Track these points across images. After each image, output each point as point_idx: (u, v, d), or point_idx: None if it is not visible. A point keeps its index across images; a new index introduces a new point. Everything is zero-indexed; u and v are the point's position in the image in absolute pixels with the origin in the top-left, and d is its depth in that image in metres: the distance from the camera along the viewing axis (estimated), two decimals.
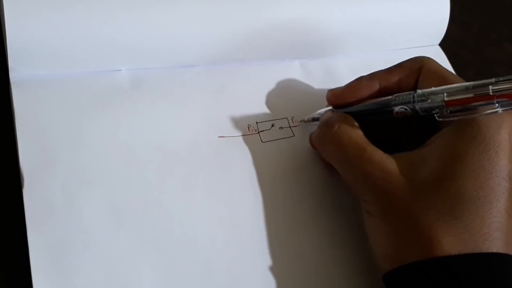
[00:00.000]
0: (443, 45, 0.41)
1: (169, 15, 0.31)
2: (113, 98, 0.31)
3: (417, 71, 0.29)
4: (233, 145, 0.32)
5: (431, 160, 0.26)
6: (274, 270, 0.29)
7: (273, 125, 0.33)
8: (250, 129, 0.33)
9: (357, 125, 0.29)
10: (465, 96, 0.25)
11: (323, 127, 0.30)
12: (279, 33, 0.34)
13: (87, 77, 0.31)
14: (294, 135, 0.33)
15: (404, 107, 0.28)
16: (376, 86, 0.30)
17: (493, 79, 0.24)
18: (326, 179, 0.32)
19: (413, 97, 0.27)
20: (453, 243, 0.24)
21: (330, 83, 0.36)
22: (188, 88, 0.33)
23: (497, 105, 0.24)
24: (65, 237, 0.26)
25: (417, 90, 0.27)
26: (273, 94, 0.34)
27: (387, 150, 0.28)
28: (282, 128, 0.33)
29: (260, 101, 0.34)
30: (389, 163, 0.27)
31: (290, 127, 0.34)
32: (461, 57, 0.43)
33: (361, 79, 0.31)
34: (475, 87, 0.25)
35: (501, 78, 0.24)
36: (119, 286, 0.26)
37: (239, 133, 0.32)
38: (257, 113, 0.33)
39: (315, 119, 0.33)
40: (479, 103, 0.24)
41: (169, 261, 0.27)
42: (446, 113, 0.26)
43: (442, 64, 0.30)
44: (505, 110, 0.24)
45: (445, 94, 0.26)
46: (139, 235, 0.27)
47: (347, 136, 0.28)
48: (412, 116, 0.28)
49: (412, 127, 0.31)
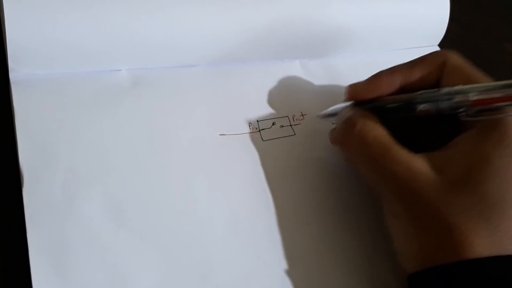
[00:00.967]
0: (443, 45, 0.41)
1: (169, 15, 0.32)
2: (113, 98, 0.31)
3: (441, 66, 0.28)
4: (234, 143, 0.32)
5: (457, 162, 0.25)
6: (274, 269, 0.29)
7: (274, 124, 0.33)
8: (251, 127, 0.33)
9: (380, 123, 0.28)
10: (494, 96, 0.24)
11: (345, 125, 0.29)
12: (279, 33, 0.34)
13: (87, 77, 0.31)
14: (294, 134, 0.33)
15: (428, 106, 0.27)
16: (397, 81, 0.29)
17: None
18: (327, 178, 0.32)
19: (439, 95, 0.26)
20: (483, 245, 0.24)
21: (330, 83, 0.36)
22: (188, 87, 0.33)
23: None
24: (65, 237, 0.26)
25: (443, 88, 0.27)
26: (274, 92, 0.34)
27: (408, 146, 0.27)
28: (283, 126, 0.33)
29: (261, 99, 0.34)
30: (416, 162, 0.26)
31: (291, 125, 0.34)
32: None
33: (381, 74, 0.30)
34: (505, 86, 0.24)
35: None
36: (119, 286, 0.26)
37: (240, 131, 0.32)
38: (257, 112, 0.33)
39: (330, 115, 0.32)
40: (506, 103, 0.24)
41: (169, 260, 0.27)
42: (471, 112, 0.25)
43: None
44: None
45: (473, 93, 0.25)
46: (139, 235, 0.27)
47: (371, 134, 0.27)
48: (435, 114, 0.27)
49: (432, 125, 0.30)
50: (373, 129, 0.28)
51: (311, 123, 0.34)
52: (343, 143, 0.30)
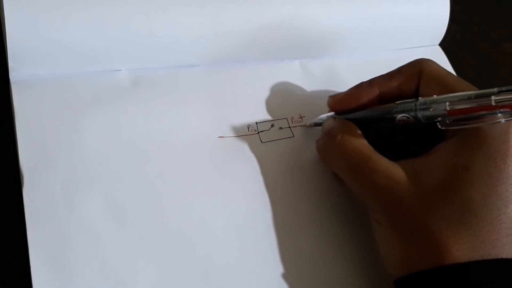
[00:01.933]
0: (443, 45, 0.41)
1: (169, 15, 0.31)
2: (113, 98, 0.31)
3: (417, 75, 0.29)
4: (232, 145, 0.32)
5: (436, 169, 0.26)
6: (273, 270, 0.29)
7: (272, 126, 0.33)
8: (249, 129, 0.33)
9: (360, 133, 0.29)
10: (467, 106, 0.24)
11: (326, 137, 0.30)
12: (279, 33, 0.34)
13: (87, 77, 0.31)
14: (293, 136, 0.33)
15: (406, 115, 0.27)
16: (376, 92, 0.30)
17: (495, 89, 0.24)
18: (325, 180, 0.32)
19: (415, 105, 0.27)
20: (462, 250, 0.24)
21: (330, 83, 0.36)
22: (188, 88, 0.33)
23: (499, 115, 0.24)
24: (65, 237, 0.26)
25: (419, 98, 0.27)
26: (273, 94, 0.34)
27: (391, 155, 0.27)
28: (281, 128, 0.33)
29: (259, 101, 0.34)
30: (395, 171, 0.26)
31: (289, 127, 0.34)
32: (461, 57, 0.43)
33: (361, 86, 0.30)
34: (477, 96, 0.24)
35: (504, 88, 0.23)
36: (119, 286, 0.26)
37: (238, 133, 0.32)
38: (256, 113, 0.33)
39: (317, 124, 0.33)
40: (481, 112, 0.24)
41: (169, 260, 0.27)
42: (448, 121, 0.25)
43: (442, 64, 0.29)
44: (508, 120, 0.24)
45: (447, 103, 0.25)
46: (139, 235, 0.27)
47: (351, 145, 0.28)
48: (414, 123, 0.28)
49: (417, 133, 0.30)
50: (353, 140, 0.28)
51: (312, 129, 0.34)
52: (325, 154, 0.30)
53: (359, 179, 0.28)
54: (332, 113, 0.32)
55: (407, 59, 0.30)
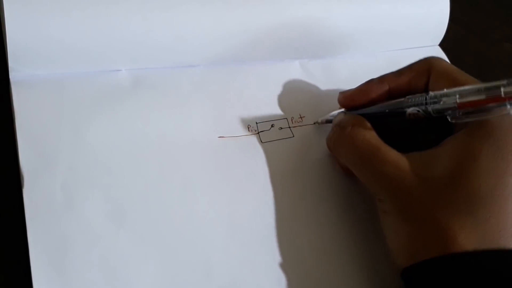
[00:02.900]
0: (443, 45, 0.41)
1: (169, 15, 0.31)
2: (113, 98, 0.31)
3: (427, 72, 0.29)
4: (232, 145, 0.32)
5: (444, 159, 0.26)
6: (274, 270, 0.29)
7: (272, 126, 0.33)
8: (250, 130, 0.33)
9: (370, 126, 0.29)
10: (477, 98, 0.25)
11: (336, 129, 0.30)
12: (279, 33, 0.34)
13: (87, 77, 0.31)
14: (293, 136, 0.33)
15: (416, 109, 0.28)
16: (385, 88, 0.30)
17: (504, 81, 0.24)
18: (325, 180, 0.32)
19: (426, 99, 0.27)
20: (468, 239, 0.24)
21: (330, 84, 0.36)
22: (188, 88, 0.33)
23: (508, 107, 0.24)
24: (65, 237, 0.26)
25: (430, 92, 0.28)
26: (273, 94, 0.34)
27: (401, 150, 0.28)
28: (281, 128, 0.33)
29: (260, 101, 0.34)
30: (403, 162, 0.27)
31: (289, 127, 0.34)
32: (461, 57, 0.43)
33: (371, 82, 0.31)
34: (487, 89, 0.25)
35: None
36: (119, 286, 0.26)
37: (239, 133, 0.32)
38: (257, 114, 0.33)
39: (328, 121, 0.33)
40: (491, 104, 0.24)
41: (169, 261, 0.27)
42: (458, 114, 0.26)
43: None
44: None
45: (458, 96, 0.26)
46: (139, 235, 0.27)
47: (360, 136, 0.29)
48: (424, 117, 0.28)
49: (427, 128, 0.31)
50: (362, 132, 0.29)
51: (309, 125, 0.34)
52: (335, 145, 0.31)
53: (368, 170, 0.28)
54: (342, 109, 0.32)
55: (407, 59, 0.31)
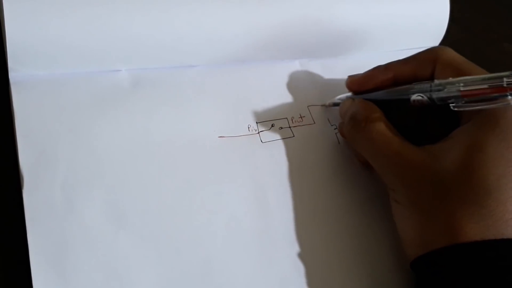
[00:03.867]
0: (443, 45, 0.41)
1: (169, 15, 0.31)
2: (113, 98, 0.31)
3: (433, 61, 0.30)
4: (233, 145, 0.32)
5: (453, 152, 0.27)
6: (274, 270, 0.29)
7: (273, 125, 0.33)
8: (250, 129, 0.33)
9: (383, 116, 0.30)
10: (480, 87, 0.26)
11: (352, 121, 0.31)
12: (279, 33, 0.34)
13: (87, 77, 0.31)
14: (294, 136, 0.33)
15: (421, 95, 0.28)
16: (391, 74, 0.31)
17: (508, 72, 0.25)
18: (326, 179, 0.32)
19: (431, 86, 0.28)
20: (476, 229, 0.25)
21: (330, 84, 0.36)
22: (188, 88, 0.33)
23: (510, 97, 0.24)
24: (65, 237, 0.26)
25: (435, 79, 0.28)
26: (273, 94, 0.34)
27: (411, 138, 0.29)
28: (282, 128, 0.33)
29: (260, 101, 0.34)
30: (416, 154, 0.28)
31: (290, 127, 0.34)
32: None
33: (378, 68, 0.32)
34: (490, 78, 0.25)
35: None
36: (119, 286, 0.26)
37: (239, 133, 0.32)
38: (257, 113, 0.33)
39: (336, 104, 0.34)
40: (493, 94, 0.25)
41: (170, 261, 0.27)
42: (461, 103, 0.26)
43: None
44: None
45: (461, 84, 0.26)
46: (139, 235, 0.27)
47: (376, 129, 0.29)
48: (428, 105, 0.29)
49: (433, 120, 0.31)
50: (377, 124, 0.30)
51: (310, 125, 0.34)
52: (350, 138, 0.32)
53: (383, 161, 0.29)
54: (349, 93, 0.33)
55: None
